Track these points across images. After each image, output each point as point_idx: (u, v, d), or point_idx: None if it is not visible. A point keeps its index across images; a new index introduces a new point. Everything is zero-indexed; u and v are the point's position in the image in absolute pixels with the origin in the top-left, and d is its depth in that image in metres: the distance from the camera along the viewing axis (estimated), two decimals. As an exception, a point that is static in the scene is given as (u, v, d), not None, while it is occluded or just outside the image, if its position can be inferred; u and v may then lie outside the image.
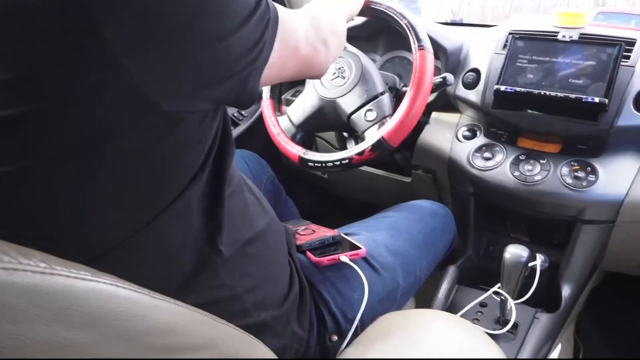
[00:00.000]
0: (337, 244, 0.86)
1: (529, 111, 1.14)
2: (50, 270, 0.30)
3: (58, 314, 0.30)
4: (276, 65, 0.56)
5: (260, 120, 1.37)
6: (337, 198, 1.79)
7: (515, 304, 1.03)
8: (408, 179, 1.38)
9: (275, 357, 0.54)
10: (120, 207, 0.47)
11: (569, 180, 1.07)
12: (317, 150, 1.17)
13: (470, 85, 1.21)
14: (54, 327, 0.29)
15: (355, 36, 1.34)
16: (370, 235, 0.91)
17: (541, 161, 1.11)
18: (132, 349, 0.34)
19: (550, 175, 1.09)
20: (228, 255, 0.58)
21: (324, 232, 0.89)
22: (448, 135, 1.25)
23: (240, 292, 0.60)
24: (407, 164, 1.35)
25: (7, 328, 0.27)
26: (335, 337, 0.75)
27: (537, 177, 1.10)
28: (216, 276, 0.57)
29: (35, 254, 0.31)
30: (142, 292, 0.37)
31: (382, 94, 1.05)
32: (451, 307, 1.15)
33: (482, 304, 1.12)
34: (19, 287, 0.28)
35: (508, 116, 1.16)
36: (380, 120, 1.03)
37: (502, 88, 1.13)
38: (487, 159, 1.16)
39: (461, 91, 1.23)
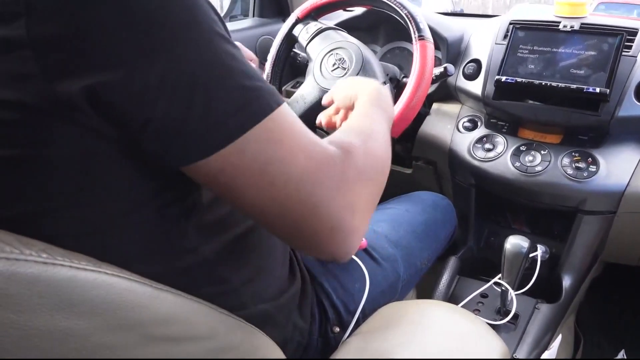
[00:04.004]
0: (338, 236, 0.86)
1: (530, 102, 1.13)
2: (52, 260, 0.31)
3: (60, 303, 0.30)
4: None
5: (260, 112, 1.37)
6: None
7: (516, 294, 1.03)
8: (409, 170, 1.38)
9: (277, 347, 0.54)
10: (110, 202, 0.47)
11: (569, 171, 1.07)
12: (317, 142, 1.17)
13: (471, 76, 1.21)
14: (56, 316, 0.29)
15: (355, 27, 1.33)
16: (371, 227, 0.91)
17: (542, 152, 1.11)
18: (133, 338, 0.34)
19: (551, 166, 1.09)
20: (223, 249, 0.58)
21: (325, 224, 0.89)
22: (449, 126, 1.25)
23: (238, 285, 0.60)
24: (407, 155, 1.35)
25: (10, 317, 0.27)
26: (337, 329, 0.75)
27: (538, 168, 1.10)
28: (213, 270, 0.57)
29: (36, 244, 0.31)
30: (143, 283, 0.37)
31: (382, 84, 1.05)
32: (452, 297, 1.16)
33: (483, 295, 1.12)
34: (22, 277, 0.29)
35: (509, 107, 1.15)
36: (381, 111, 1.02)
37: (503, 79, 1.13)
38: (488, 149, 1.16)
39: (462, 82, 1.23)
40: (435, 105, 1.31)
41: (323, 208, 0.46)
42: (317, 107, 1.10)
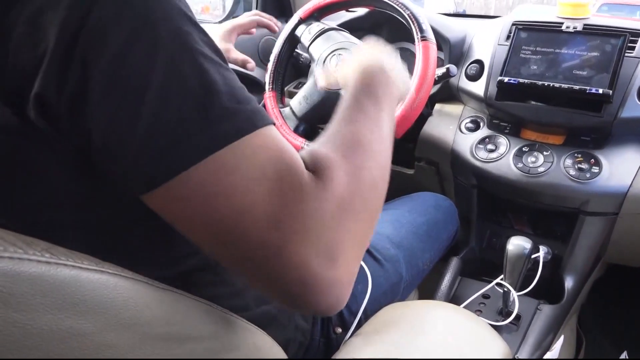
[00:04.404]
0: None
1: (533, 102, 1.13)
2: (55, 260, 0.31)
3: (63, 303, 0.30)
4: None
5: (262, 112, 1.37)
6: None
7: (518, 295, 1.03)
8: (411, 171, 1.38)
9: (280, 348, 0.54)
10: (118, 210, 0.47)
11: (572, 172, 1.07)
12: (319, 142, 1.17)
13: (473, 77, 1.21)
14: (59, 315, 0.29)
15: (358, 28, 1.33)
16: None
17: (544, 153, 1.11)
18: (135, 337, 0.35)
19: (553, 167, 1.09)
20: None
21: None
22: (451, 127, 1.25)
23: (240, 287, 0.60)
24: (410, 155, 1.35)
25: (13, 316, 0.27)
26: (339, 329, 0.75)
27: (541, 169, 1.09)
28: (215, 274, 0.57)
29: (40, 243, 0.31)
30: (146, 282, 0.37)
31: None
32: (454, 298, 1.16)
33: (485, 296, 1.12)
34: (25, 276, 0.29)
35: (511, 108, 1.15)
36: (383, 112, 1.02)
37: (506, 79, 1.13)
38: (490, 150, 1.16)
39: (464, 83, 1.23)
40: (437, 106, 1.31)
41: (288, 255, 0.38)
42: (319, 107, 1.10)
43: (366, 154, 0.46)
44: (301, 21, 1.18)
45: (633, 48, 1.06)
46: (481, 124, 1.22)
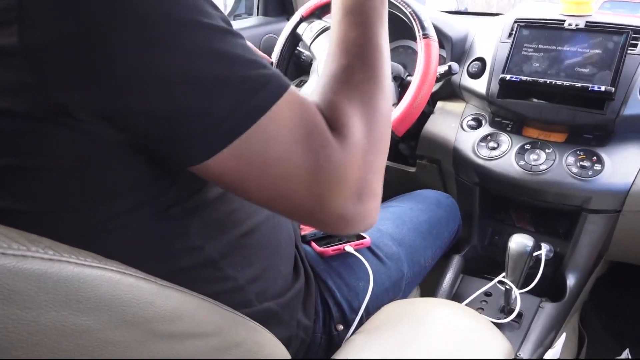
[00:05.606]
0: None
1: (535, 100, 1.13)
2: (58, 257, 0.31)
3: (66, 300, 0.30)
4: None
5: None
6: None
7: (520, 293, 1.03)
8: (413, 169, 1.38)
9: (282, 345, 0.54)
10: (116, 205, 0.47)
11: (574, 170, 1.07)
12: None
13: (475, 75, 1.21)
14: (62, 312, 0.29)
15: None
16: (375, 225, 0.91)
17: (546, 150, 1.11)
18: (139, 335, 0.35)
19: (555, 165, 1.09)
20: (228, 247, 0.58)
21: (329, 222, 0.89)
22: (453, 125, 1.25)
23: (243, 283, 0.60)
24: (411, 153, 1.35)
25: (17, 314, 0.28)
26: (341, 327, 0.75)
27: (543, 167, 1.09)
28: (218, 269, 0.57)
29: (43, 240, 0.31)
30: (149, 280, 0.37)
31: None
32: (456, 296, 1.16)
33: (487, 293, 1.12)
34: (28, 273, 0.29)
35: (513, 105, 1.15)
36: (385, 109, 1.02)
37: (508, 77, 1.12)
38: (493, 148, 1.16)
39: (466, 80, 1.22)
40: (439, 104, 1.30)
41: (327, 205, 0.46)
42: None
43: (375, 87, 0.50)
44: (303, 19, 1.18)
45: (636, 45, 1.06)
46: (483, 122, 1.22)
